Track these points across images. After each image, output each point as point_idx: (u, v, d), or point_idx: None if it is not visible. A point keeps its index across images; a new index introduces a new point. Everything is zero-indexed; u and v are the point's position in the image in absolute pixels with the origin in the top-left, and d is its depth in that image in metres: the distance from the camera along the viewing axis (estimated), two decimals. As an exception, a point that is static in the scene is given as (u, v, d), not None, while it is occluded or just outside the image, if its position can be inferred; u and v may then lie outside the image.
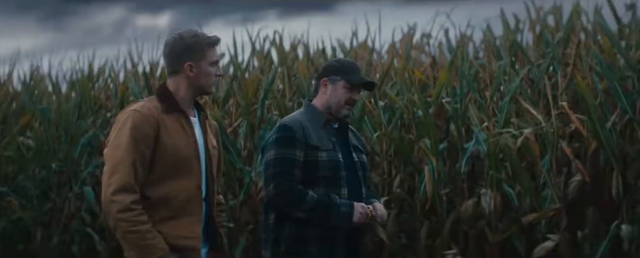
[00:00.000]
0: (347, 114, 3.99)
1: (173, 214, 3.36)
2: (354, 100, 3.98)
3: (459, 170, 6.82)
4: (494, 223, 6.67)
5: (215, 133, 3.61)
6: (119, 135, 3.33)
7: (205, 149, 3.48)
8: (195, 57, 3.43)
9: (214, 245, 3.55)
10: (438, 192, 6.73)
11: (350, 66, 4.03)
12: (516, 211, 6.58)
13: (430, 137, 6.72)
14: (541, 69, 6.94)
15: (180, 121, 3.42)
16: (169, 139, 3.36)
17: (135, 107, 3.39)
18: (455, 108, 6.76)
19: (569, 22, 7.61)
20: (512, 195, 6.50)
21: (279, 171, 3.85)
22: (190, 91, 3.47)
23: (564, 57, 7.25)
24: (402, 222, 7.14)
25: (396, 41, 8.46)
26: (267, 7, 15.66)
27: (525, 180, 6.44)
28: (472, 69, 6.98)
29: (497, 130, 6.53)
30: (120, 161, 3.28)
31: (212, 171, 3.51)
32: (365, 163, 4.09)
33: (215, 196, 3.55)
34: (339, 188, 3.91)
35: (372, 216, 3.94)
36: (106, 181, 3.30)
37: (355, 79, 3.96)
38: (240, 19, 17.02)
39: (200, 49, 3.44)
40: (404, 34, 8.46)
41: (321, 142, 3.90)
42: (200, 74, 3.45)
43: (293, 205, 3.85)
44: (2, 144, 9.46)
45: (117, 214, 3.25)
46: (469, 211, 6.81)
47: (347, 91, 3.96)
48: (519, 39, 7.88)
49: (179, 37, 3.45)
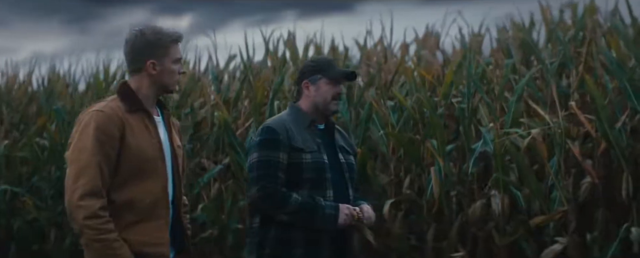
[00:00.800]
0: (335, 109, 3.95)
1: (139, 218, 3.25)
2: (339, 94, 3.94)
3: (466, 171, 6.71)
4: (501, 226, 6.56)
5: (178, 131, 3.53)
6: (82, 137, 3.21)
7: (170, 149, 3.38)
8: (158, 55, 3.32)
9: (180, 248, 3.45)
10: (445, 194, 6.63)
11: (327, 62, 4.01)
12: (524, 213, 6.45)
13: (437, 138, 6.62)
14: (552, 68, 6.81)
15: (144, 120, 3.31)
16: (133, 140, 3.24)
17: (98, 107, 3.27)
18: (462, 107, 6.65)
19: (581, 19, 7.46)
20: (519, 196, 6.38)
21: (262, 174, 3.80)
22: (153, 90, 3.36)
23: (578, 56, 7.10)
24: (410, 224, 7.05)
25: (408, 41, 8.37)
26: (286, 8, 15.65)
27: (532, 182, 6.31)
28: (479, 68, 6.86)
29: (505, 130, 6.41)
30: (86, 164, 3.16)
31: (178, 171, 3.41)
32: (352, 165, 4.03)
33: (181, 198, 3.45)
34: (324, 190, 3.86)
35: (358, 218, 3.88)
36: (71, 185, 3.17)
37: (335, 74, 3.93)
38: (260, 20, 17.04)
39: (163, 46, 3.33)
40: (416, 33, 8.36)
41: (305, 144, 3.85)
42: (163, 72, 3.34)
43: (277, 208, 3.80)
44: (18, 145, 9.56)
45: (84, 221, 3.13)
46: (477, 213, 6.70)
47: (330, 87, 3.92)
48: (535, 38, 7.77)
49: (140, 33, 3.33)
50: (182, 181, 3.50)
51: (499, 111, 6.67)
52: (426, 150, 6.80)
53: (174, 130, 3.47)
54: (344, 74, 3.98)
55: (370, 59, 8.71)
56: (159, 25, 3.41)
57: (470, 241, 6.76)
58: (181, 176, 3.45)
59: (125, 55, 3.39)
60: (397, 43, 8.79)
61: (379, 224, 6.98)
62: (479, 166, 6.72)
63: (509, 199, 6.51)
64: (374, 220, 4.02)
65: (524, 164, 6.31)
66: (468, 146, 6.70)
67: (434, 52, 7.83)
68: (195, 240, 7.99)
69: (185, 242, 3.49)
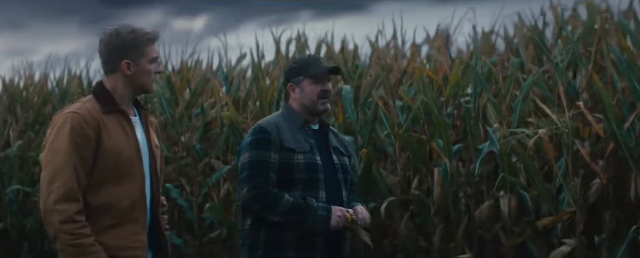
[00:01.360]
0: (325, 108, 3.87)
1: (116, 221, 3.19)
2: (325, 91, 3.85)
3: (473, 171, 6.63)
4: (508, 227, 6.47)
5: (156, 130, 3.47)
6: (57, 139, 3.15)
7: (148, 149, 3.33)
8: (133, 55, 3.27)
9: (158, 249, 3.39)
10: (450, 195, 6.55)
11: (308, 61, 3.93)
12: (532, 214, 6.36)
13: (443, 138, 6.54)
14: (561, 67, 6.71)
15: (120, 121, 3.26)
16: (109, 141, 3.19)
17: (73, 108, 3.22)
18: (467, 107, 6.57)
19: (590, 18, 7.34)
20: (526, 198, 6.29)
21: (253, 174, 3.75)
22: (129, 90, 3.30)
23: (589, 55, 6.99)
24: (418, 225, 6.98)
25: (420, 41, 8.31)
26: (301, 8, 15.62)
27: (539, 183, 6.21)
28: (485, 67, 6.78)
29: (511, 130, 6.32)
30: (61, 167, 3.11)
31: (157, 172, 3.36)
32: (346, 166, 3.97)
33: (160, 199, 3.40)
34: (317, 191, 3.80)
35: (352, 220, 3.82)
36: (46, 188, 3.12)
37: (317, 72, 3.85)
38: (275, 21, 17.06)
39: (138, 45, 3.27)
40: (427, 33, 8.29)
41: (297, 144, 3.80)
42: (138, 72, 3.28)
43: (268, 209, 3.74)
44: (32, 145, 9.61)
45: (59, 225, 3.08)
46: (485, 215, 6.62)
47: (315, 86, 3.84)
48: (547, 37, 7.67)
49: (115, 33, 3.27)
50: (160, 182, 3.46)
51: (506, 111, 6.57)
52: (432, 150, 6.72)
53: (151, 130, 3.42)
54: (325, 71, 3.88)
55: (381, 59, 8.66)
56: (134, 24, 3.34)
57: (477, 242, 6.68)
58: (159, 177, 3.41)
59: (100, 55, 3.33)
60: (409, 43, 8.72)
61: (383, 224, 6.94)
62: (487, 167, 6.63)
63: (516, 200, 6.42)
64: (369, 221, 3.94)
65: (531, 164, 6.21)
66: (474, 146, 6.61)
67: (445, 52, 7.73)
68: (203, 240, 7.99)
69: (162, 243, 3.43)
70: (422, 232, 6.98)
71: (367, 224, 3.94)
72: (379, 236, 6.96)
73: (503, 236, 6.44)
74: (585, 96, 6.76)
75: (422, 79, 6.96)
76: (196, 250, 7.98)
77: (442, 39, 8.21)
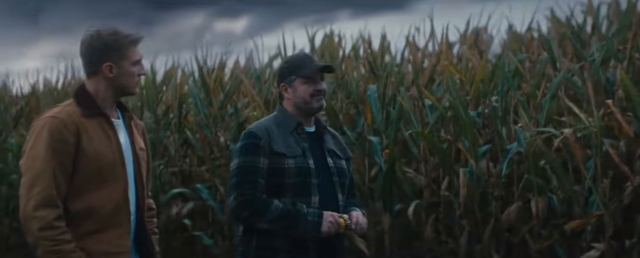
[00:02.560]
0: (320, 105, 3.72)
1: (99, 227, 3.13)
2: (318, 90, 3.70)
3: (500, 172, 6.44)
4: (536, 230, 6.27)
5: (142, 133, 3.40)
6: (35, 145, 3.10)
7: (132, 152, 3.27)
8: (115, 57, 3.19)
9: (145, 254, 3.33)
10: (476, 196, 6.38)
11: (299, 60, 3.77)
12: (560, 217, 6.15)
13: (469, 138, 6.37)
14: (595, 64, 6.47)
15: (102, 124, 3.19)
16: (90, 146, 3.12)
17: (52, 113, 3.16)
18: (495, 106, 6.39)
19: (626, 13, 7.06)
20: (553, 200, 6.08)
21: (241, 181, 3.63)
22: (111, 93, 3.23)
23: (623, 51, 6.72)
24: (445, 227, 6.82)
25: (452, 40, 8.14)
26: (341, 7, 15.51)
27: (567, 184, 6.00)
28: (513, 65, 6.57)
29: (538, 129, 6.11)
30: (39, 173, 3.05)
31: (141, 175, 3.29)
32: (342, 169, 3.81)
33: (145, 202, 3.34)
34: (309, 196, 3.66)
35: (345, 225, 3.66)
36: (25, 195, 3.07)
37: (308, 72, 3.70)
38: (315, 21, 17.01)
39: (119, 47, 3.19)
40: (459, 31, 8.11)
41: (288, 148, 3.67)
42: (120, 75, 3.21)
43: (256, 216, 3.61)
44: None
45: (39, 232, 3.03)
46: (512, 217, 6.43)
47: (307, 85, 3.69)
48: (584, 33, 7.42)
49: (96, 35, 3.20)
50: (147, 185, 3.40)
51: (534, 110, 6.37)
52: (458, 150, 6.56)
53: (136, 132, 3.35)
54: (317, 69, 3.72)
55: (415, 58, 8.52)
56: (116, 26, 3.26)
57: (505, 246, 6.48)
58: (145, 180, 3.35)
59: (81, 57, 3.26)
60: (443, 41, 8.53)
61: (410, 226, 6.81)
62: (519, 167, 6.41)
63: (544, 202, 6.21)
64: (365, 227, 3.76)
65: (557, 165, 6.00)
66: (501, 146, 6.42)
67: (475, 50, 7.55)
68: (233, 240, 7.96)
69: (150, 248, 3.36)
70: (450, 234, 6.82)
71: (363, 230, 3.75)
72: (406, 237, 6.83)
73: (530, 239, 6.24)
74: (621, 93, 6.50)
75: (451, 78, 6.80)
76: (226, 250, 7.97)
77: (474, 36, 8.01)
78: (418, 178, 7.04)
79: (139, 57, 3.28)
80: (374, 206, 6.95)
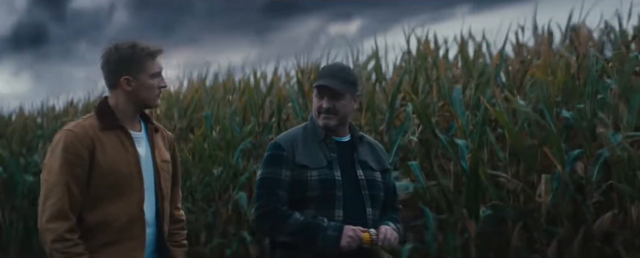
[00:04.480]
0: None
1: (114, 239, 3.16)
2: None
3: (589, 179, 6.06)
4: (629, 240, 5.86)
5: (169, 144, 3.39)
6: (52, 158, 3.16)
7: (153, 164, 3.27)
8: (133, 70, 3.21)
9: None
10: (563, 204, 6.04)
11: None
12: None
13: (554, 142, 6.03)
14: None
15: (120, 137, 3.22)
16: (104, 158, 3.16)
17: (70, 126, 3.22)
18: (579, 108, 6.02)
19: None
20: (645, 208, 5.67)
21: (262, 193, 3.53)
22: (131, 106, 3.26)
23: None
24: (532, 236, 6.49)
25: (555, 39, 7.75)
26: (457, 3, 15.07)
27: (659, 191, 5.58)
28: (599, 64, 6.17)
29: (626, 134, 5.72)
30: (53, 185, 3.10)
31: (161, 188, 3.29)
32: (375, 181, 3.60)
33: (165, 215, 3.33)
34: (333, 210, 3.49)
35: (369, 240, 3.45)
36: (41, 207, 3.14)
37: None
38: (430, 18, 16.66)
39: (137, 61, 3.21)
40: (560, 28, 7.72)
41: (312, 160, 3.51)
42: (139, 88, 3.23)
43: (276, 228, 3.49)
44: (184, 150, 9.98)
45: (51, 244, 3.09)
46: (605, 226, 6.04)
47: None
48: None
49: (114, 48, 3.23)
50: (175, 197, 3.40)
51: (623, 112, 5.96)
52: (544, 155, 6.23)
53: (161, 144, 3.36)
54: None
55: (521, 57, 8.19)
56: (137, 39, 3.28)
57: (596, 256, 6.10)
58: (167, 192, 3.33)
59: (102, 71, 3.30)
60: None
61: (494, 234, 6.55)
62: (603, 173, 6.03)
63: (638, 211, 5.80)
64: (395, 242, 3.54)
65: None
66: (590, 151, 6.05)
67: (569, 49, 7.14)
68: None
69: None
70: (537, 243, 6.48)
71: (392, 245, 3.54)
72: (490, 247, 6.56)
73: (622, 250, 5.85)
74: None
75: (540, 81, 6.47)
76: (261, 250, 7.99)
77: (576, 34, 7.59)
78: (512, 182, 6.73)
79: (158, 69, 3.28)
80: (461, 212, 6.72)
